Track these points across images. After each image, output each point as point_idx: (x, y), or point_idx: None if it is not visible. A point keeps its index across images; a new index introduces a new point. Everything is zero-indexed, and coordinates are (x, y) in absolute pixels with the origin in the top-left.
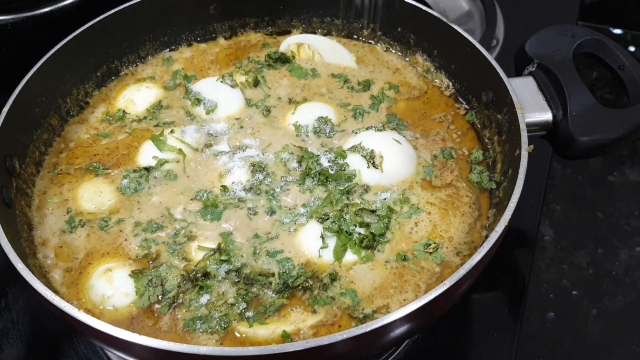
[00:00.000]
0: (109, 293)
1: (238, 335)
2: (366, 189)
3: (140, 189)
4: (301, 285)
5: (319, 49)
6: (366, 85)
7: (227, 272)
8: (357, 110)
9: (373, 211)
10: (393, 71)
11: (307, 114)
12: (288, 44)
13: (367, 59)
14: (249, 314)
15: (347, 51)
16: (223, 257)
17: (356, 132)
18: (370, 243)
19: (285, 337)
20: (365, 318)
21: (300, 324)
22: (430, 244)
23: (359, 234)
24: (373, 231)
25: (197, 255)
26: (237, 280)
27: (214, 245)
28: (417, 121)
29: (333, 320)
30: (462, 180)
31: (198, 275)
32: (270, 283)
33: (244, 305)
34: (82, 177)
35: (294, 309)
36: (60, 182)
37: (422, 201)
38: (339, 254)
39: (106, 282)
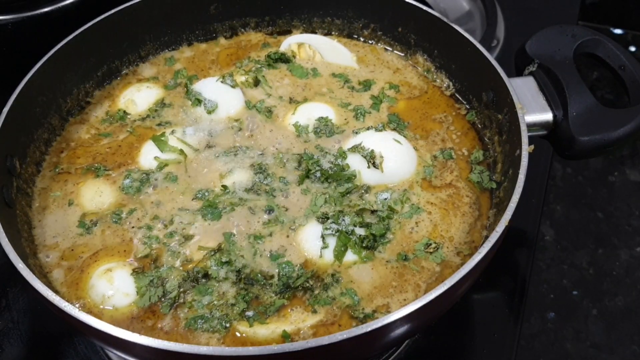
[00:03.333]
0: (109, 293)
1: (238, 334)
2: (366, 189)
3: (142, 189)
4: (301, 286)
5: (320, 48)
6: (367, 85)
7: (227, 273)
8: (359, 111)
9: (374, 211)
10: (393, 71)
11: (308, 114)
12: (289, 43)
13: (367, 58)
14: (249, 313)
15: (348, 51)
16: (224, 259)
17: (356, 132)
18: (371, 244)
19: (286, 337)
20: (366, 318)
21: (300, 323)
22: (430, 244)
23: (359, 234)
24: (374, 232)
25: (197, 256)
26: (237, 280)
27: (214, 245)
28: (418, 121)
29: (333, 320)
30: (462, 180)
31: (199, 275)
32: (271, 284)
33: (244, 305)
34: (83, 177)
35: (294, 308)
36: (61, 182)
37: (423, 201)
38: (339, 254)
39: (106, 282)
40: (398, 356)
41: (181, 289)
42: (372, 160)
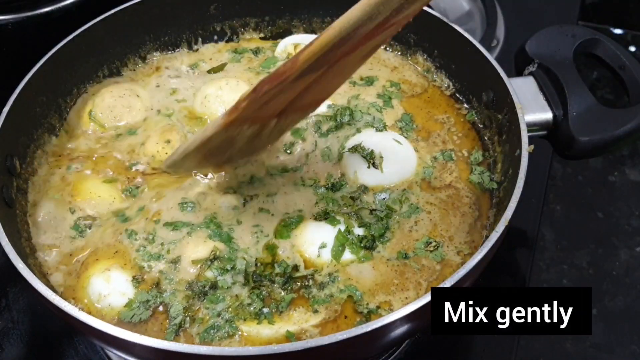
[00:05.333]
0: (105, 292)
1: (239, 332)
2: (364, 189)
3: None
4: (301, 282)
5: None
6: (369, 80)
7: (234, 277)
8: (373, 106)
9: (372, 210)
10: (391, 69)
11: None
12: (285, 44)
13: None
14: (266, 310)
15: None
16: (228, 266)
17: (358, 130)
18: (370, 244)
19: (290, 336)
20: (370, 313)
21: (303, 323)
22: (430, 242)
23: (358, 234)
24: (373, 232)
25: (193, 269)
26: (245, 281)
27: (206, 254)
28: (422, 122)
29: (335, 316)
30: (462, 181)
31: (206, 289)
32: (274, 281)
33: (261, 304)
34: (81, 178)
35: (297, 309)
36: (60, 182)
37: (422, 201)
38: (337, 254)
39: (104, 281)
40: (398, 356)
41: (186, 314)
42: (372, 160)
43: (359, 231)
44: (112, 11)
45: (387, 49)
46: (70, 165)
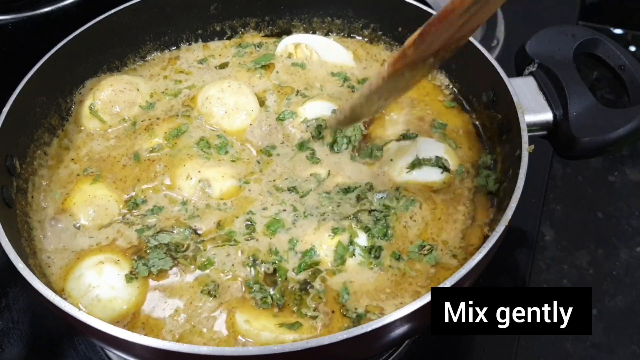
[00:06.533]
0: (95, 283)
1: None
2: (370, 187)
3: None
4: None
5: (316, 47)
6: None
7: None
8: None
9: (371, 211)
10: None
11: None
12: (285, 44)
13: (362, 55)
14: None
15: (344, 49)
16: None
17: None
18: (378, 253)
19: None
20: (358, 318)
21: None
22: (424, 246)
23: (364, 245)
24: (375, 235)
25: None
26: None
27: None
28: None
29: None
30: (462, 187)
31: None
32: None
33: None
34: (80, 180)
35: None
36: (60, 183)
37: (419, 196)
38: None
39: (96, 273)
40: (398, 356)
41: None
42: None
43: (362, 240)
44: (112, 11)
45: (387, 48)
46: (69, 166)
